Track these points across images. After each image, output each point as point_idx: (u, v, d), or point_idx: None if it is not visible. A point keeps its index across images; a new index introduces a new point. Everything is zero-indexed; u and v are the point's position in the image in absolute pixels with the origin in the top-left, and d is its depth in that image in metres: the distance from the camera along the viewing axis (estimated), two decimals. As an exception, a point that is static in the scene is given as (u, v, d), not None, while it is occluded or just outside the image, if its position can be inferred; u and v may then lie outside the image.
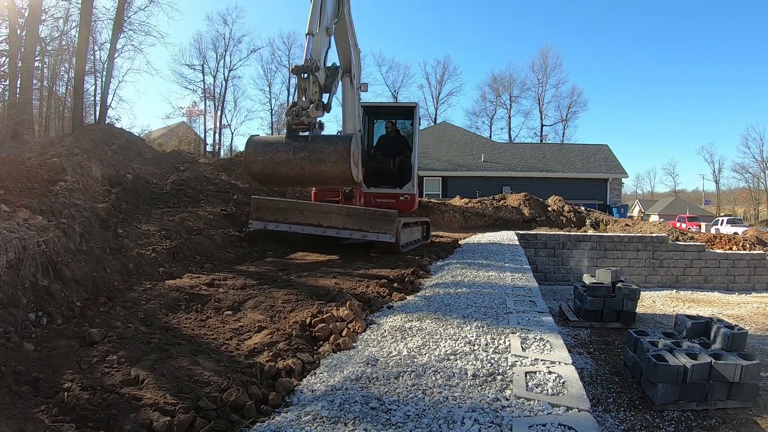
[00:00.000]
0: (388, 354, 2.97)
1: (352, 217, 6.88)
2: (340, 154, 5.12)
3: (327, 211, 7.01)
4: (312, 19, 5.56)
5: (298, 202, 7.55)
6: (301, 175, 5.25)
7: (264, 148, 5.41)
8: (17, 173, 5.01)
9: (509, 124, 56.98)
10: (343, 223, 6.86)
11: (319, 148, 5.18)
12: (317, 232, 6.93)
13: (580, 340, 7.81)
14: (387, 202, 8.48)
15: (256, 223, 7.16)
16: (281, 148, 5.27)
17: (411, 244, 8.27)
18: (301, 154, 5.20)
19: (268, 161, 5.31)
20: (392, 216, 6.76)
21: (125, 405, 2.14)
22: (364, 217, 6.87)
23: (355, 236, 6.86)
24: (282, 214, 7.10)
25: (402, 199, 8.84)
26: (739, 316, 9.30)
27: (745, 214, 60.33)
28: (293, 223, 7.00)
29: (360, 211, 6.98)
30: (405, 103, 10.89)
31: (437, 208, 16.20)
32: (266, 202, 7.38)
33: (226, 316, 3.61)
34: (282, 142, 5.35)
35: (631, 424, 4.98)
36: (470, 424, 2.07)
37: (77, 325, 3.11)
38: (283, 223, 7.03)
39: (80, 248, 4.23)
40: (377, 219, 6.79)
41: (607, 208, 26.43)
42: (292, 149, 5.21)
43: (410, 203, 8.90)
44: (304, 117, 5.11)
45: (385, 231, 6.70)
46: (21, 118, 14.14)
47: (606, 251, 12.71)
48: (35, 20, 15.75)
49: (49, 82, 21.44)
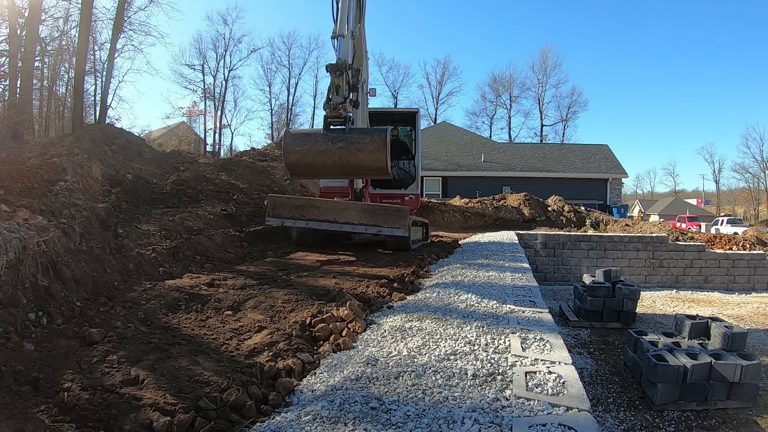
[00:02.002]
0: (388, 354, 2.97)
1: (367, 213, 7.08)
2: (377, 144, 5.63)
3: (342, 208, 7.19)
4: (341, 22, 6.11)
5: (314, 199, 7.80)
6: (339, 164, 5.71)
7: (302, 139, 5.89)
8: (17, 173, 5.01)
9: (509, 124, 57.03)
10: (358, 218, 7.02)
11: (356, 138, 5.69)
12: (333, 228, 7.10)
13: (580, 340, 7.80)
14: (392, 203, 8.75)
15: (273, 220, 7.28)
16: (320, 139, 5.73)
17: (415, 242, 8.51)
18: (339, 144, 5.63)
19: (306, 151, 5.75)
20: (405, 212, 7.03)
21: (125, 405, 2.14)
22: (378, 212, 7.07)
23: (370, 231, 7.06)
24: (299, 211, 7.25)
25: (407, 199, 9.46)
26: (739, 316, 9.30)
27: (745, 214, 60.33)
28: (310, 219, 7.13)
29: (374, 207, 7.24)
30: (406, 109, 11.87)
31: (437, 208, 16.20)
32: (283, 200, 7.61)
33: (226, 316, 3.61)
34: (320, 133, 5.81)
35: (631, 424, 4.98)
36: (470, 424, 2.07)
37: (77, 325, 3.11)
38: (300, 219, 7.17)
39: (80, 248, 4.23)
40: (390, 215, 7.01)
41: (607, 208, 26.44)
42: (330, 140, 5.67)
43: (415, 203, 9.49)
44: (342, 110, 5.57)
45: (398, 226, 6.92)
46: (21, 118, 14.13)
47: (606, 251, 12.70)
48: (35, 20, 15.75)
49: (49, 82, 21.44)
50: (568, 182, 29.03)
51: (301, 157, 5.81)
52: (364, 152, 5.61)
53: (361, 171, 6.32)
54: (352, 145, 5.63)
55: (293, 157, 5.83)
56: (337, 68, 5.72)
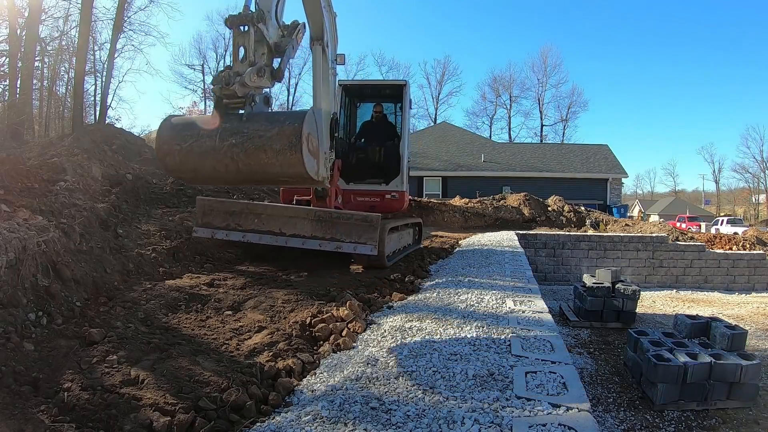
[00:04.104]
0: (389, 354, 2.97)
1: (323, 223, 5.41)
2: (288, 139, 3.50)
3: (291, 215, 5.54)
4: None
5: (254, 204, 5.98)
6: (234, 170, 3.65)
7: (183, 132, 3.73)
8: (17, 173, 5.01)
9: (509, 124, 56.97)
10: (311, 230, 5.42)
11: (257, 130, 3.56)
12: (278, 242, 5.48)
13: (580, 340, 7.80)
14: (371, 202, 7.12)
15: (202, 230, 5.72)
16: (205, 133, 3.64)
17: (400, 251, 7.12)
18: (231, 140, 3.57)
19: (187, 151, 3.68)
20: (374, 221, 5.30)
21: (125, 405, 2.14)
22: (338, 222, 5.38)
23: (326, 247, 5.37)
24: (234, 219, 5.69)
25: (389, 197, 7.27)
26: (739, 316, 9.30)
27: (745, 214, 60.35)
28: (248, 230, 5.57)
29: (332, 215, 5.46)
30: (392, 81, 8.74)
31: (437, 208, 16.19)
32: (216, 205, 5.91)
33: (226, 316, 3.61)
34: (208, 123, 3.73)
35: (631, 424, 4.98)
36: (470, 424, 2.07)
37: (77, 325, 3.11)
38: (236, 230, 5.60)
39: (80, 248, 4.23)
40: (355, 225, 5.34)
41: (607, 208, 26.43)
42: (220, 134, 3.61)
43: (399, 202, 7.34)
44: (237, 86, 3.54)
45: (364, 241, 5.26)
46: (21, 118, 14.13)
47: (606, 251, 12.70)
48: (35, 20, 15.74)
49: (49, 82, 21.44)
50: (568, 182, 29.03)
51: (181, 161, 3.72)
52: (267, 152, 3.51)
53: (272, 179, 4.22)
54: (249, 141, 3.54)
55: (171, 161, 3.74)
56: (240, 20, 3.74)
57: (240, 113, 3.71)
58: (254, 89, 3.69)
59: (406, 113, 7.81)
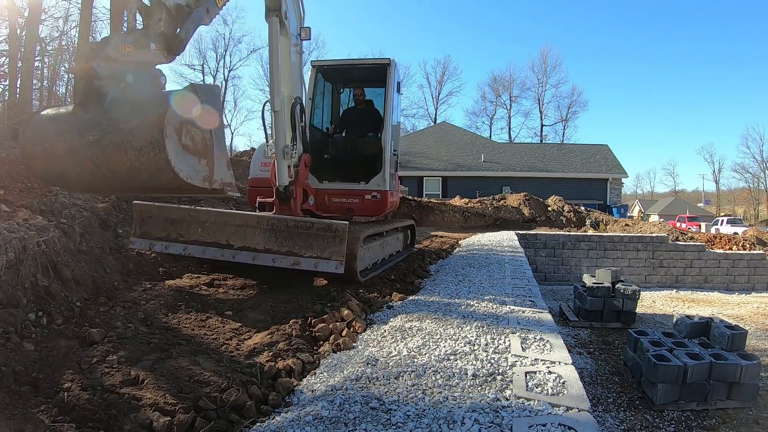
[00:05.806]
0: (388, 354, 2.98)
1: (278, 233, 4.42)
2: (150, 133, 2.59)
3: (239, 224, 4.57)
4: None
5: (196, 210, 4.86)
6: (100, 176, 2.80)
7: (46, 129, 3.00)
8: (17, 173, 5.01)
9: (509, 124, 56.98)
10: (264, 242, 4.41)
11: (116, 122, 2.71)
12: (224, 256, 4.48)
13: (580, 340, 7.80)
14: (348, 203, 6.05)
15: (139, 241, 4.72)
16: (65, 129, 2.86)
17: (383, 262, 6.00)
18: (89, 136, 2.73)
19: (50, 153, 2.92)
20: (339, 231, 4.26)
21: (125, 405, 2.14)
22: (296, 232, 4.38)
23: (281, 263, 4.31)
24: (176, 228, 4.71)
25: (369, 198, 6.06)
26: (739, 316, 9.30)
27: (745, 214, 60.35)
28: (190, 242, 4.60)
29: (289, 224, 4.44)
30: (374, 60, 7.16)
31: (437, 208, 16.19)
32: (154, 211, 4.83)
33: (226, 316, 3.61)
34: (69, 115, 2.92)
35: (631, 424, 4.98)
36: (470, 424, 2.07)
37: (77, 325, 3.11)
38: (177, 242, 4.64)
39: (80, 248, 4.23)
40: (316, 236, 4.32)
41: (607, 208, 26.43)
42: (78, 128, 2.78)
43: (381, 204, 6.11)
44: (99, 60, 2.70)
45: (328, 255, 4.23)
46: (21, 118, 14.12)
47: (606, 251, 12.70)
48: (35, 20, 15.71)
49: (49, 82, 21.41)
50: (568, 182, 29.03)
51: (46, 165, 2.99)
52: (128, 151, 2.62)
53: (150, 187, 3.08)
54: (107, 137, 2.68)
55: (36, 166, 3.07)
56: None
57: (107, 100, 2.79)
58: (129, 65, 2.80)
59: (391, 97, 6.34)
